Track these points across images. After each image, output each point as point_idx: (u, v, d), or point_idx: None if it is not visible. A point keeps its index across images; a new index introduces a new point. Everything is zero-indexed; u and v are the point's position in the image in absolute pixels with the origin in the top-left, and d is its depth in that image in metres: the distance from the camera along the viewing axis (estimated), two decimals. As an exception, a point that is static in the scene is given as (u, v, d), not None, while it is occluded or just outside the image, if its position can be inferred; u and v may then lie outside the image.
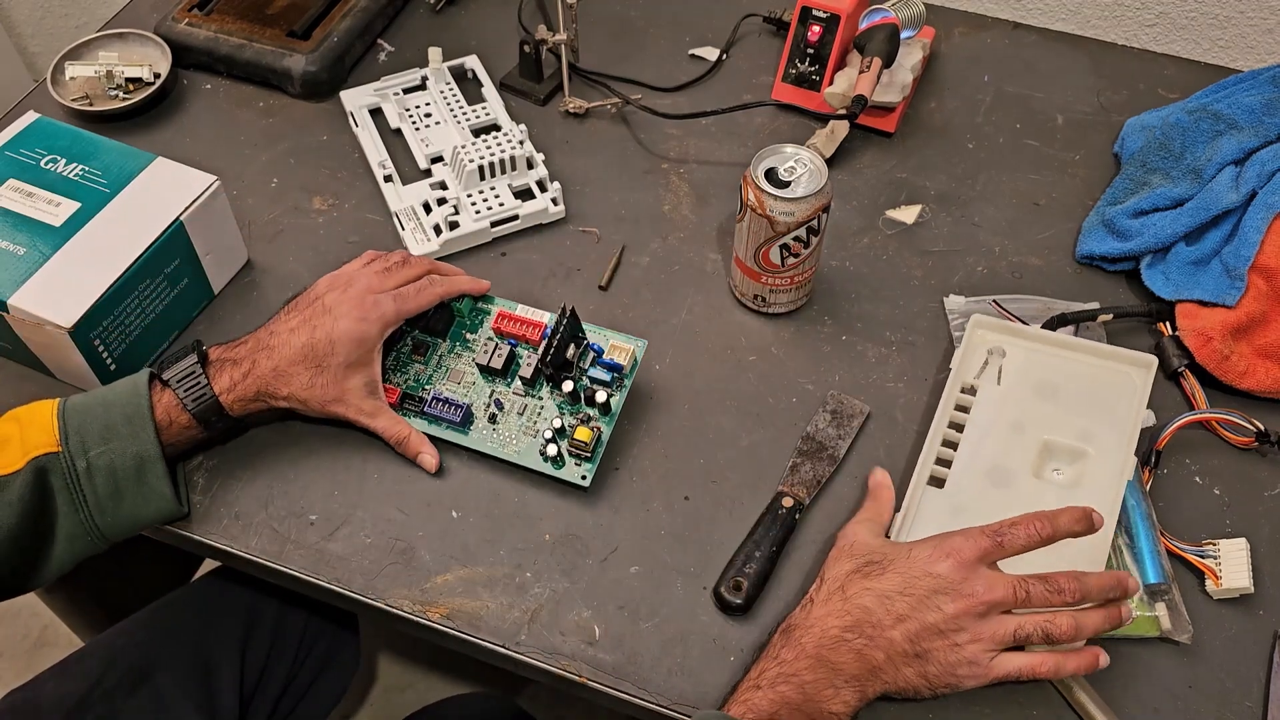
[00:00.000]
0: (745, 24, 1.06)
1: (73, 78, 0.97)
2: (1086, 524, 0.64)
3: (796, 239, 0.77)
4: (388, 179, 0.92)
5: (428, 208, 0.89)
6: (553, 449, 0.73)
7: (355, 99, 0.97)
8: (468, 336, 0.79)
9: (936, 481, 0.72)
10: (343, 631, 0.97)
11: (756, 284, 0.81)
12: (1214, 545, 0.69)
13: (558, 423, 0.75)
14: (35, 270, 0.74)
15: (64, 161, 0.80)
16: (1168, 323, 0.80)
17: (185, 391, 0.69)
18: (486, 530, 0.73)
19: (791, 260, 0.78)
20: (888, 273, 0.87)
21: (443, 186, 0.91)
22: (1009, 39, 1.05)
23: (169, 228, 0.77)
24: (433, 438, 0.75)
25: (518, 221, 0.89)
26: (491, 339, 0.78)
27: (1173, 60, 1.02)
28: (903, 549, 0.64)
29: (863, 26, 0.93)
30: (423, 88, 0.99)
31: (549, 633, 0.68)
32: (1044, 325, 0.80)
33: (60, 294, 0.73)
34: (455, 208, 0.88)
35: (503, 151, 0.89)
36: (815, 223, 0.76)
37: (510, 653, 0.68)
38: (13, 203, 0.78)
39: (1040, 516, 0.63)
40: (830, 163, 0.91)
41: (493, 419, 0.76)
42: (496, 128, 0.95)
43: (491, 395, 0.76)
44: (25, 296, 0.73)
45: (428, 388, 0.77)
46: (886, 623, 0.61)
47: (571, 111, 0.98)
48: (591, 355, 0.76)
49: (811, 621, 0.62)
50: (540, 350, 0.75)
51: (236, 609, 0.88)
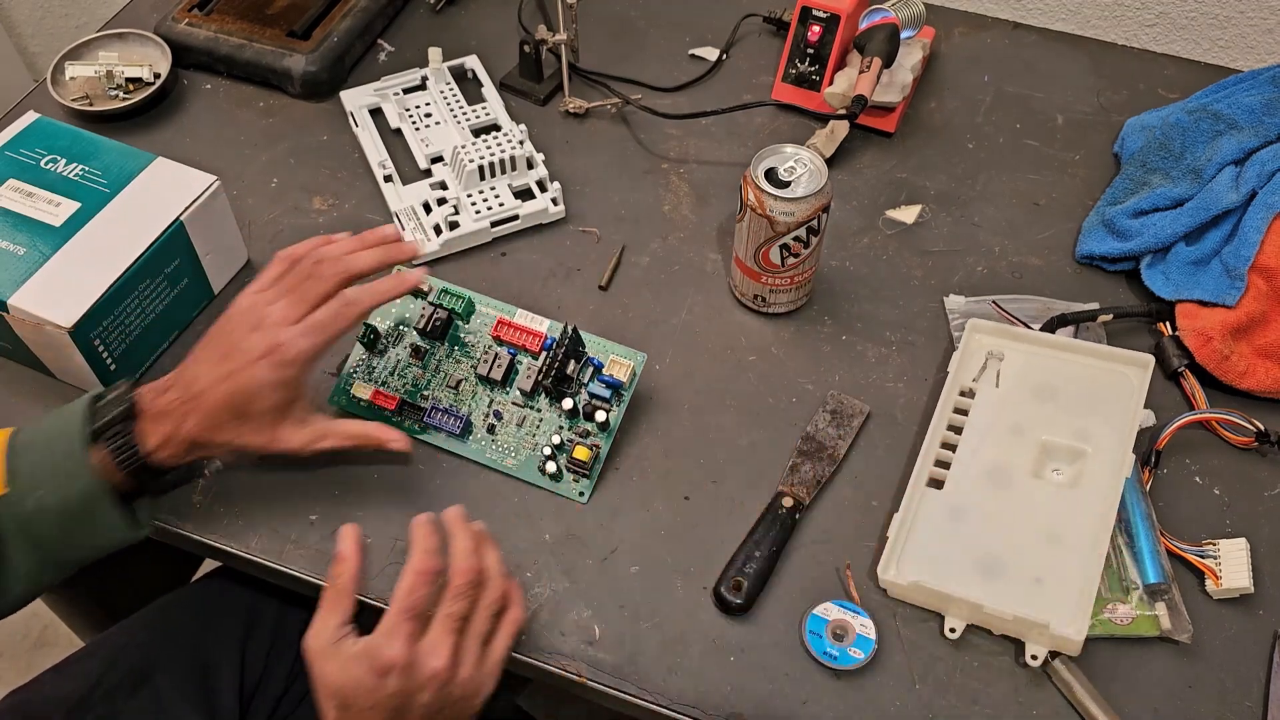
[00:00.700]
0: (745, 24, 1.06)
1: (73, 78, 0.97)
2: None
3: (796, 239, 0.77)
4: (388, 179, 0.92)
5: (428, 208, 0.89)
6: (551, 466, 0.73)
7: (355, 99, 0.98)
8: (467, 341, 0.79)
9: (935, 483, 0.72)
10: None
11: (756, 284, 0.81)
12: (1214, 545, 0.69)
13: (556, 438, 0.75)
14: (35, 270, 0.74)
15: (64, 161, 0.80)
16: (1168, 323, 0.80)
17: (116, 452, 0.66)
18: (487, 530, 0.72)
19: (791, 260, 0.78)
20: (888, 273, 0.87)
21: (443, 186, 0.91)
22: (1009, 39, 1.05)
23: (169, 228, 0.77)
24: (431, 447, 0.76)
25: (518, 221, 0.89)
26: (491, 347, 0.78)
27: (1173, 60, 1.02)
28: (347, 678, 0.62)
29: (863, 26, 0.93)
30: (423, 88, 0.99)
31: (549, 632, 0.68)
32: (1044, 325, 0.80)
33: (60, 294, 0.73)
34: (455, 208, 0.88)
35: (503, 151, 0.89)
36: (815, 223, 0.76)
37: (510, 652, 0.67)
38: (13, 203, 0.78)
39: (416, 560, 0.62)
40: (830, 163, 0.91)
41: (491, 429, 0.76)
42: (496, 128, 0.95)
43: (490, 405, 0.76)
44: (25, 296, 0.73)
45: (425, 394, 0.77)
46: None
47: (571, 111, 0.98)
48: (591, 370, 0.76)
49: None
50: (541, 367, 0.75)
51: (236, 609, 0.88)
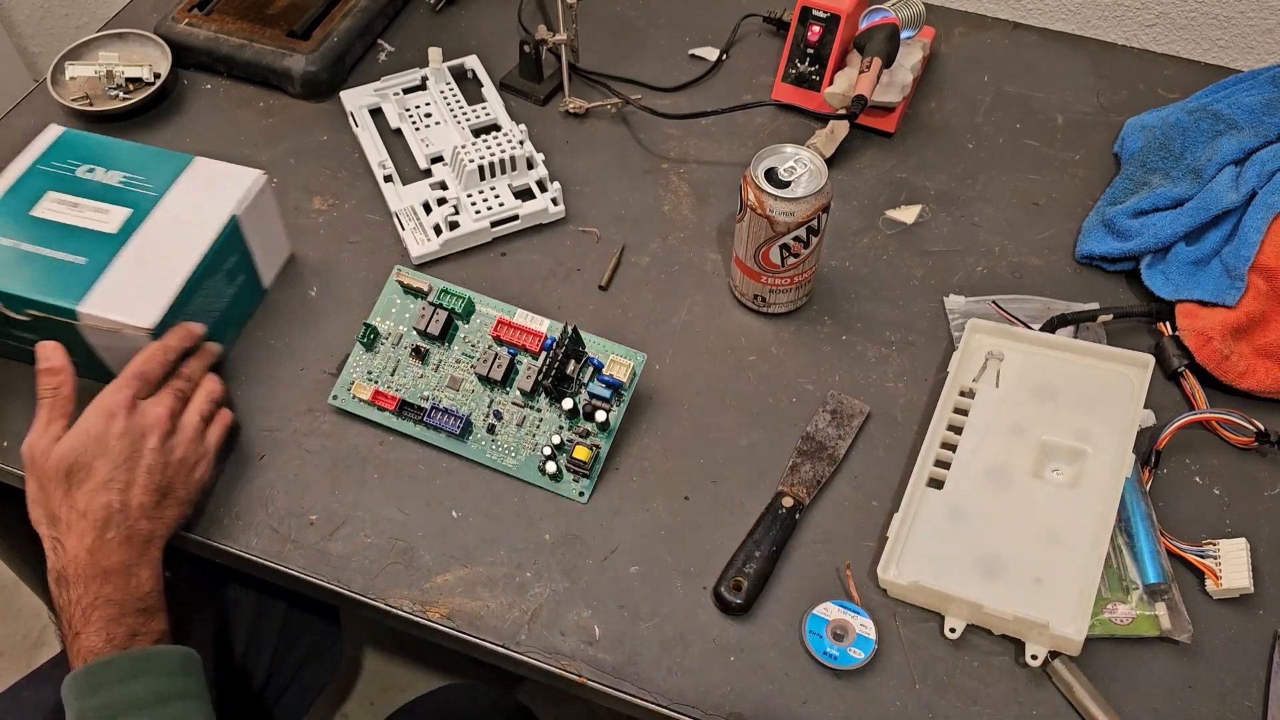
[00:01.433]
0: (745, 24, 1.06)
1: (73, 78, 0.97)
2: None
3: (796, 239, 0.77)
4: (388, 179, 0.92)
5: (428, 208, 0.89)
6: (552, 466, 0.73)
7: (355, 99, 0.98)
8: (467, 341, 0.79)
9: (935, 483, 0.72)
10: (324, 623, 0.97)
11: (756, 284, 0.81)
12: (1214, 545, 0.69)
13: (556, 438, 0.75)
14: (99, 276, 0.73)
15: (102, 170, 0.79)
16: (1168, 323, 0.80)
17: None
18: (486, 530, 0.73)
19: (791, 260, 0.78)
20: (888, 273, 0.87)
21: (443, 186, 0.91)
22: (1009, 39, 1.05)
23: (226, 224, 0.77)
24: (432, 447, 0.76)
25: (518, 221, 0.89)
26: (491, 347, 0.78)
27: (1173, 60, 1.02)
28: (76, 438, 0.66)
29: (863, 26, 0.93)
30: (423, 88, 0.99)
31: (549, 632, 0.68)
32: (1044, 325, 0.80)
33: (132, 297, 0.72)
34: (455, 208, 0.88)
35: (503, 151, 0.89)
36: (815, 223, 0.76)
37: (510, 652, 0.68)
38: (60, 214, 0.76)
39: (156, 344, 0.71)
40: (830, 163, 0.91)
41: (491, 429, 0.76)
42: (496, 128, 0.95)
43: (491, 405, 0.76)
44: (96, 302, 0.71)
45: (426, 395, 0.77)
46: (132, 500, 0.65)
47: (571, 111, 0.98)
48: (591, 370, 0.76)
49: (71, 555, 0.64)
50: (541, 367, 0.75)
51: (212, 603, 0.87)
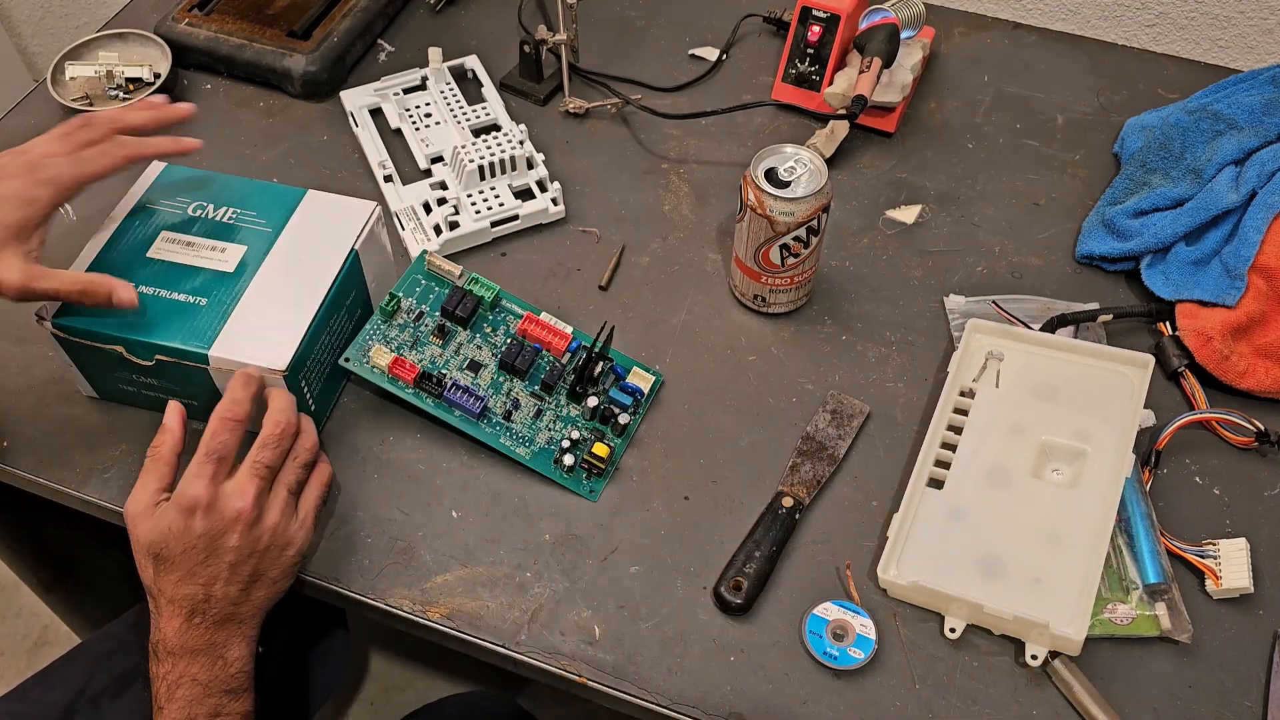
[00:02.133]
0: (745, 24, 1.06)
1: (73, 78, 0.97)
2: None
3: (796, 239, 0.77)
4: (388, 179, 0.92)
5: (428, 208, 0.89)
6: (569, 459, 0.73)
7: (355, 99, 0.98)
8: (490, 331, 0.78)
9: (935, 483, 0.72)
10: (333, 627, 0.97)
11: (756, 284, 0.81)
12: (1214, 545, 0.69)
13: (575, 433, 0.75)
14: (226, 318, 0.71)
15: (212, 207, 0.77)
16: (1168, 323, 0.80)
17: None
18: (486, 530, 0.73)
19: (791, 260, 0.78)
20: (888, 273, 0.87)
21: (443, 186, 0.91)
22: (1009, 39, 1.05)
23: (347, 258, 0.75)
24: (447, 426, 0.75)
25: (518, 221, 0.89)
26: (515, 339, 0.77)
27: (1173, 60, 1.02)
28: (160, 529, 0.64)
29: (863, 26, 0.93)
30: (423, 88, 0.99)
31: (549, 632, 0.68)
32: (1044, 326, 0.80)
33: (261, 338, 0.70)
34: (455, 208, 0.88)
35: (503, 151, 0.89)
36: (815, 223, 0.76)
37: (510, 653, 0.68)
38: (175, 254, 0.74)
39: (221, 407, 0.66)
40: (830, 163, 0.91)
41: (508, 416, 0.75)
42: (496, 128, 0.95)
43: (509, 393, 0.76)
44: (227, 345, 0.70)
45: (444, 372, 0.76)
46: (216, 593, 0.64)
47: (571, 111, 0.98)
48: (613, 377, 0.76)
49: (162, 633, 0.64)
50: (568, 365, 0.76)
51: None
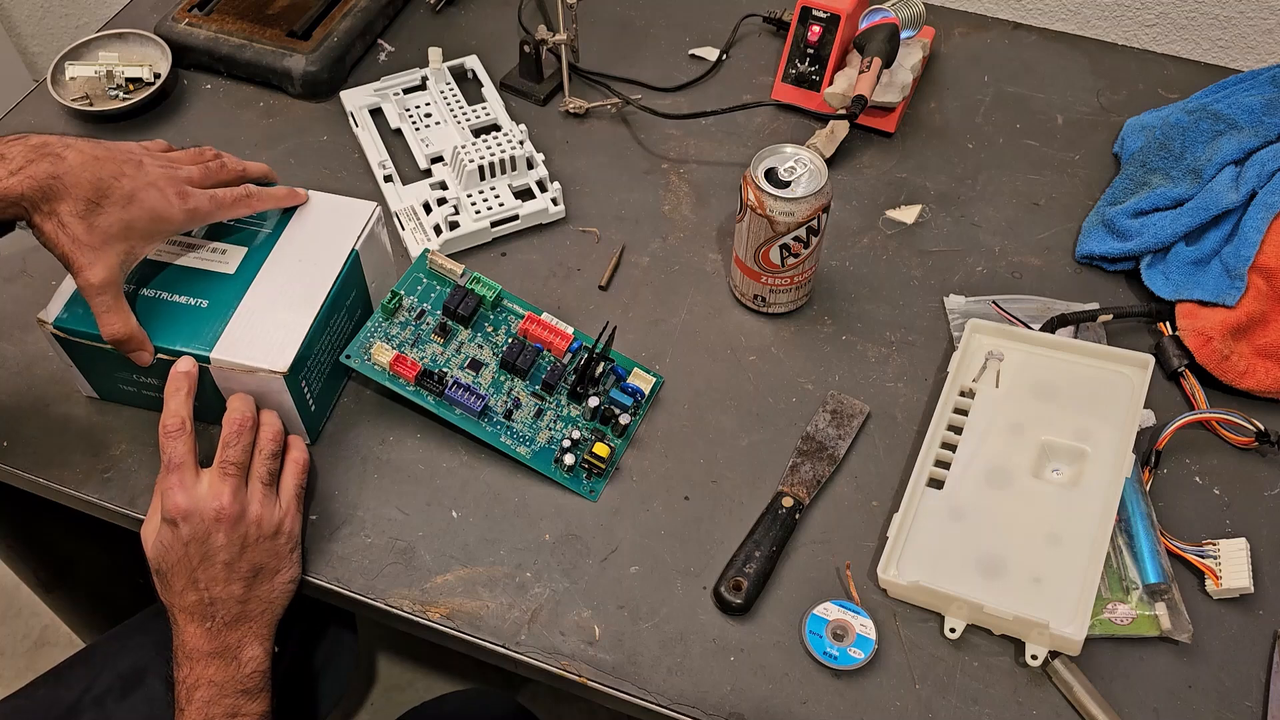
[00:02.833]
0: (745, 24, 1.06)
1: (73, 78, 0.97)
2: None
3: (796, 239, 0.77)
4: (388, 179, 0.92)
5: (428, 208, 0.89)
6: (569, 459, 0.73)
7: (355, 99, 0.98)
8: (491, 330, 0.78)
9: (935, 483, 0.72)
10: (340, 631, 0.97)
11: (756, 284, 0.81)
12: (1214, 545, 0.69)
13: (576, 433, 0.75)
14: (228, 320, 0.71)
15: None
16: (1168, 323, 0.80)
17: None
18: (486, 530, 0.73)
19: (791, 260, 0.78)
20: (888, 273, 0.87)
21: (443, 186, 0.91)
22: (1009, 39, 1.05)
23: (347, 260, 0.75)
24: (447, 426, 0.75)
25: (518, 221, 0.89)
26: (516, 339, 0.78)
27: (1173, 60, 1.02)
28: (152, 546, 0.66)
29: (863, 26, 0.93)
30: (423, 88, 0.99)
31: (549, 632, 0.68)
32: (1044, 326, 0.80)
33: (262, 340, 0.70)
34: (455, 208, 0.88)
35: (503, 151, 0.89)
36: (815, 223, 0.76)
37: (510, 653, 0.68)
38: (175, 256, 0.74)
39: (162, 420, 0.66)
40: (830, 163, 0.92)
41: (509, 415, 0.75)
42: (496, 128, 0.95)
43: (510, 392, 0.76)
44: (228, 347, 0.70)
45: (445, 371, 0.76)
46: (219, 594, 0.65)
47: (571, 111, 0.98)
48: (614, 378, 0.76)
49: (180, 639, 0.66)
50: (568, 365, 0.76)
51: None
